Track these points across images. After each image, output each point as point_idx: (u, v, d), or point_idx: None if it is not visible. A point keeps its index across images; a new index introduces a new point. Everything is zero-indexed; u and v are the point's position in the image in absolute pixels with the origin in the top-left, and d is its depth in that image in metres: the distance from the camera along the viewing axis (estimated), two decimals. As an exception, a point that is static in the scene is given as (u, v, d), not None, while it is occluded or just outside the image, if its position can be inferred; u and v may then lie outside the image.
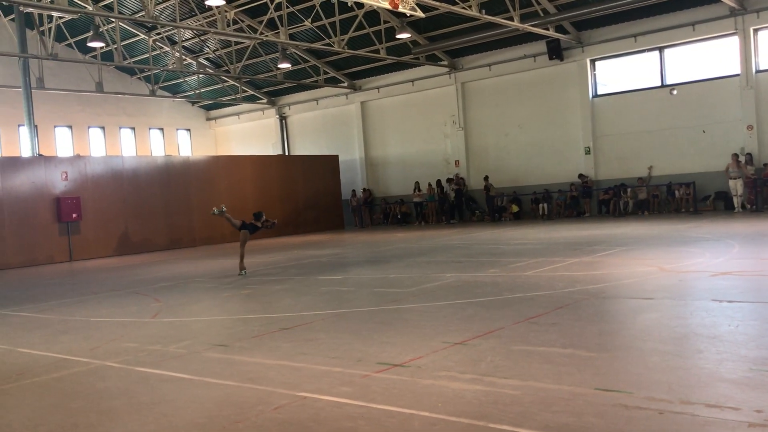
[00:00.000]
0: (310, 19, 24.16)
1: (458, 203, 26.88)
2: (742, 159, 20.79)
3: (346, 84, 30.20)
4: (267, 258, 16.98)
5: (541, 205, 25.03)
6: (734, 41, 21.49)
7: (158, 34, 27.87)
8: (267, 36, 23.05)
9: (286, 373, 5.55)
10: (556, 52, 24.24)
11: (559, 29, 23.38)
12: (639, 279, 9.14)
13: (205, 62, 30.82)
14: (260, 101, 33.27)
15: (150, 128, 33.42)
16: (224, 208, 13.29)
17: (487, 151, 27.06)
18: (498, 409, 4.27)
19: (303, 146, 32.57)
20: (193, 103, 35.09)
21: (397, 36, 23.34)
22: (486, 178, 26.30)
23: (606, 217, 23.07)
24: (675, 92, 22.42)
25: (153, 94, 30.48)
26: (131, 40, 28.63)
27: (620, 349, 5.70)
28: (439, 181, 27.29)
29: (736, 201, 20.76)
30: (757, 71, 21.19)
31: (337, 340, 6.67)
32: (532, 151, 25.79)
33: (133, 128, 32.70)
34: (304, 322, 7.71)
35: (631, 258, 11.39)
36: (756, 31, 21.16)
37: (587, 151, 24.49)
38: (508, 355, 5.59)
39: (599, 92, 24.53)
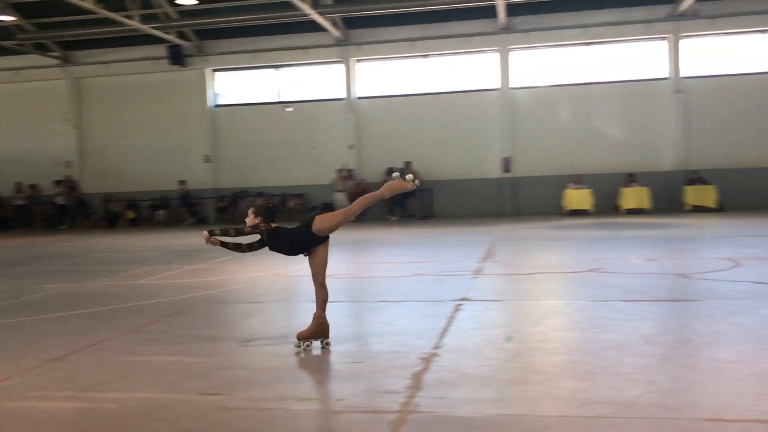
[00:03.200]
0: None
1: (69, 207, 24.81)
2: (345, 174, 23.21)
3: (-71, 64, 25.72)
4: None
5: (159, 212, 24.53)
6: (341, 69, 23.90)
7: None
8: None
9: None
10: (177, 57, 24.07)
11: (182, 36, 23.27)
12: (250, 284, 9.55)
13: None
14: None
15: None
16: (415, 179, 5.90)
17: (104, 153, 25.57)
18: (94, 426, 4.05)
19: None
20: None
21: (-2, 17, 20.74)
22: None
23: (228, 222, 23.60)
24: (290, 109, 24.05)
25: None
26: None
27: (226, 353, 5.87)
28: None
29: (339, 212, 23.03)
30: (357, 98, 23.88)
31: None
32: (151, 156, 25.13)
33: None
34: None
35: (245, 264, 11.83)
36: (358, 61, 23.86)
37: (207, 160, 24.77)
38: (112, 367, 5.35)
39: (220, 102, 25.05)
